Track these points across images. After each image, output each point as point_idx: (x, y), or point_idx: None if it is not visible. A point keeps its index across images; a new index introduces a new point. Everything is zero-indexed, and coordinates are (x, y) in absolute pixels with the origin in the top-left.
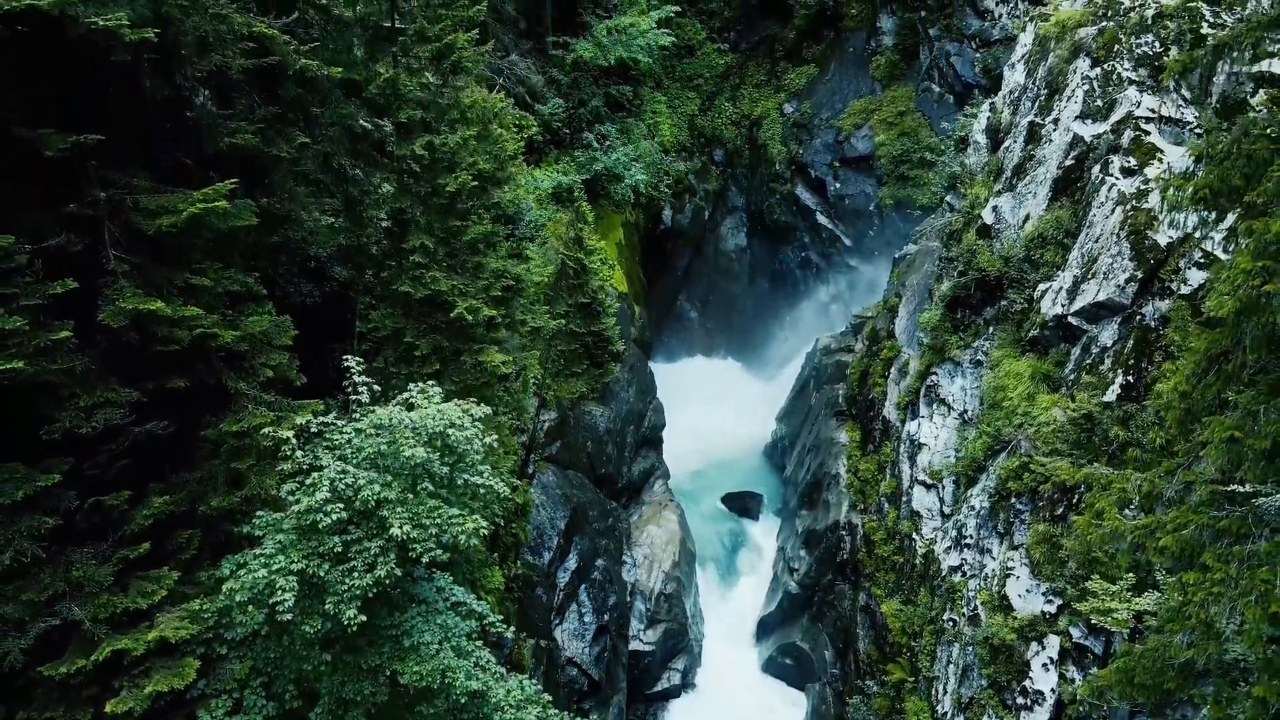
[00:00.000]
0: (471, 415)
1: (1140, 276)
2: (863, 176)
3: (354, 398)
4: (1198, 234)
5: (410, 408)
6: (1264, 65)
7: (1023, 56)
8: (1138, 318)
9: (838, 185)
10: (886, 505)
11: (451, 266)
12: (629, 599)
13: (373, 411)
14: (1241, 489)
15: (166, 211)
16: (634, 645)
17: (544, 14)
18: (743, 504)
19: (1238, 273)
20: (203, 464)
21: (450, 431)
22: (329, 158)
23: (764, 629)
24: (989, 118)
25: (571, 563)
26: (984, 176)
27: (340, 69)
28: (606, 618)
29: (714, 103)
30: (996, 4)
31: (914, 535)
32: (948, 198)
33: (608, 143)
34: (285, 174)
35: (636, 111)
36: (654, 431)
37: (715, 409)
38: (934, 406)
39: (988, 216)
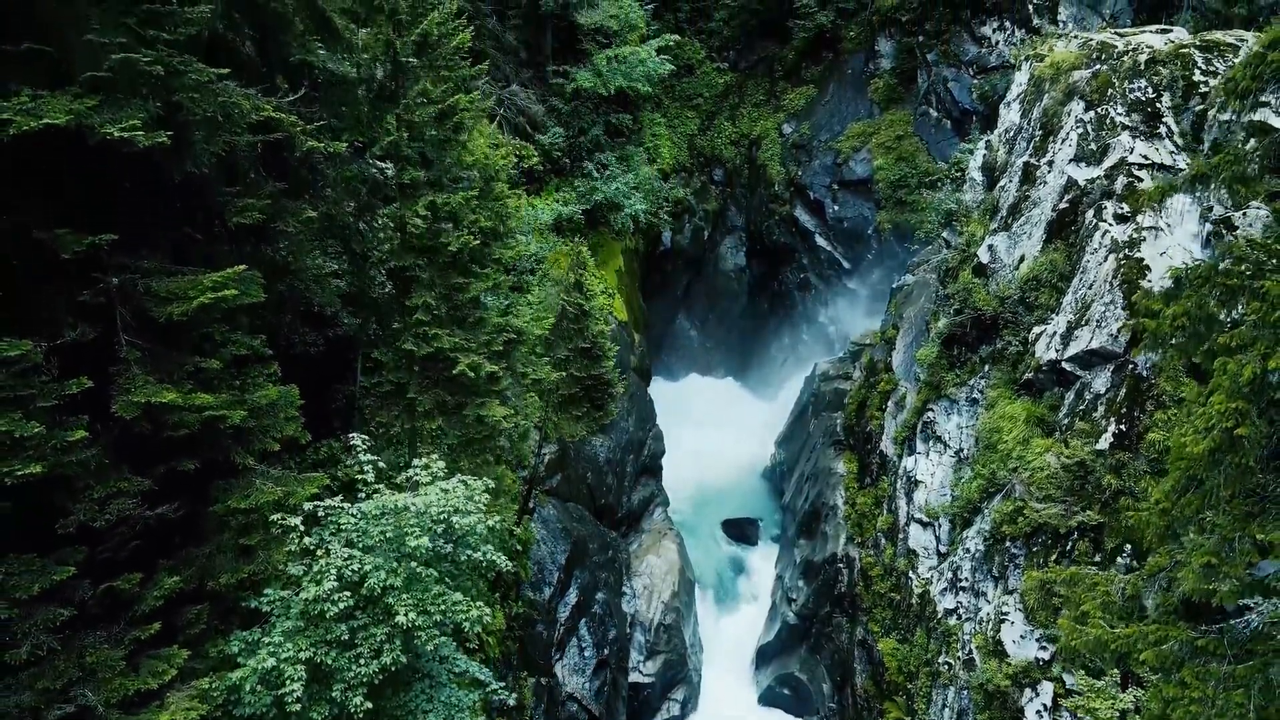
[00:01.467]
0: (474, 496)
1: (1133, 326)
2: (861, 200)
3: (360, 476)
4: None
5: (414, 487)
6: (1255, 115)
7: (1018, 96)
8: (1130, 366)
9: (836, 208)
10: (884, 541)
11: (454, 320)
12: (628, 631)
13: (378, 491)
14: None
15: (177, 298)
16: (634, 677)
17: (544, 43)
18: (741, 530)
19: (1213, 410)
20: (211, 537)
21: (454, 519)
22: (334, 217)
23: (762, 657)
24: (985, 155)
25: (572, 597)
26: (980, 214)
27: (344, 142)
28: (606, 651)
29: (713, 122)
30: (994, 31)
31: (910, 574)
32: (944, 233)
33: (607, 171)
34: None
35: (636, 137)
36: (654, 459)
37: (715, 429)
38: (930, 443)
39: (983, 255)
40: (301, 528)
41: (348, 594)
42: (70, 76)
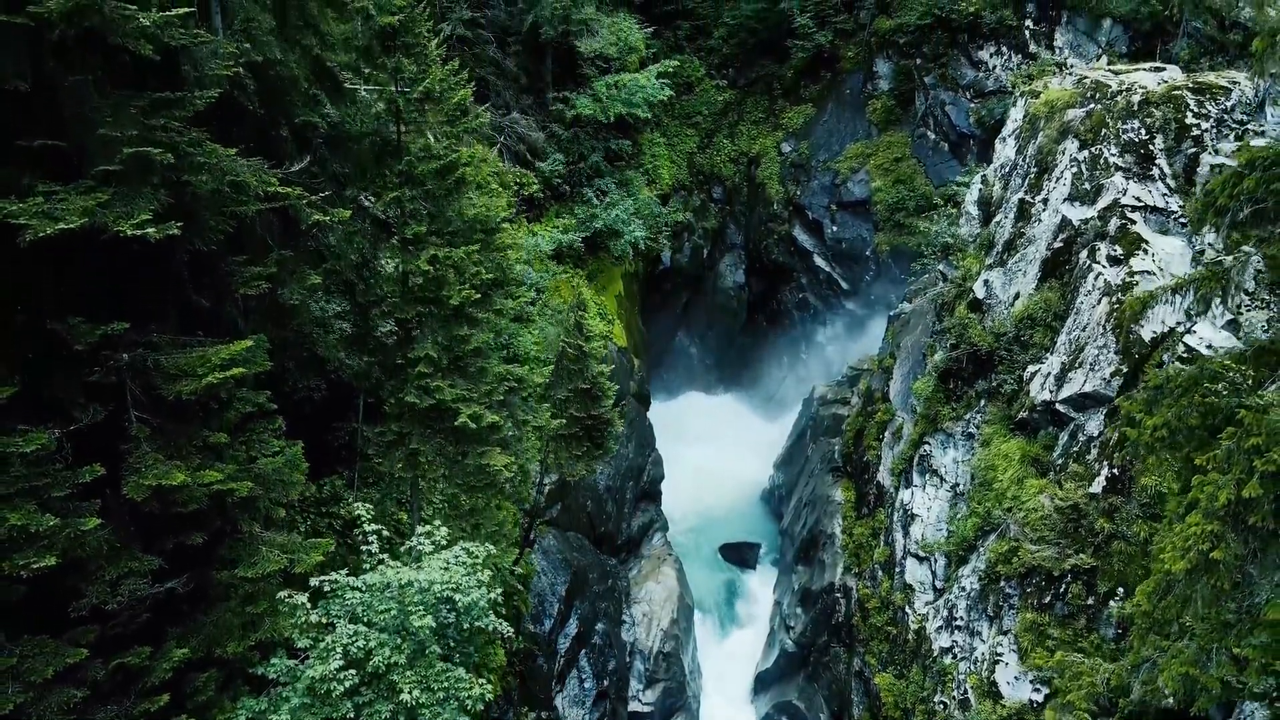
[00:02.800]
0: (476, 567)
1: (1125, 371)
2: (860, 221)
3: (365, 547)
4: (1180, 329)
5: (418, 558)
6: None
7: (1013, 131)
8: (1123, 410)
9: (835, 228)
10: (880, 573)
11: (456, 369)
12: (628, 659)
13: (383, 561)
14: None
15: (186, 375)
16: (633, 706)
17: (544, 69)
18: (740, 555)
19: (1190, 531)
20: (217, 604)
21: (456, 596)
22: (338, 271)
23: (761, 683)
24: (981, 189)
25: (572, 628)
26: (975, 249)
27: (348, 201)
28: (606, 682)
29: (713, 140)
30: (990, 56)
31: (907, 609)
32: (940, 266)
33: (607, 199)
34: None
35: (635, 160)
36: (653, 485)
37: (714, 447)
38: (926, 477)
39: (979, 290)
40: (308, 605)
41: (353, 671)
42: (82, 169)
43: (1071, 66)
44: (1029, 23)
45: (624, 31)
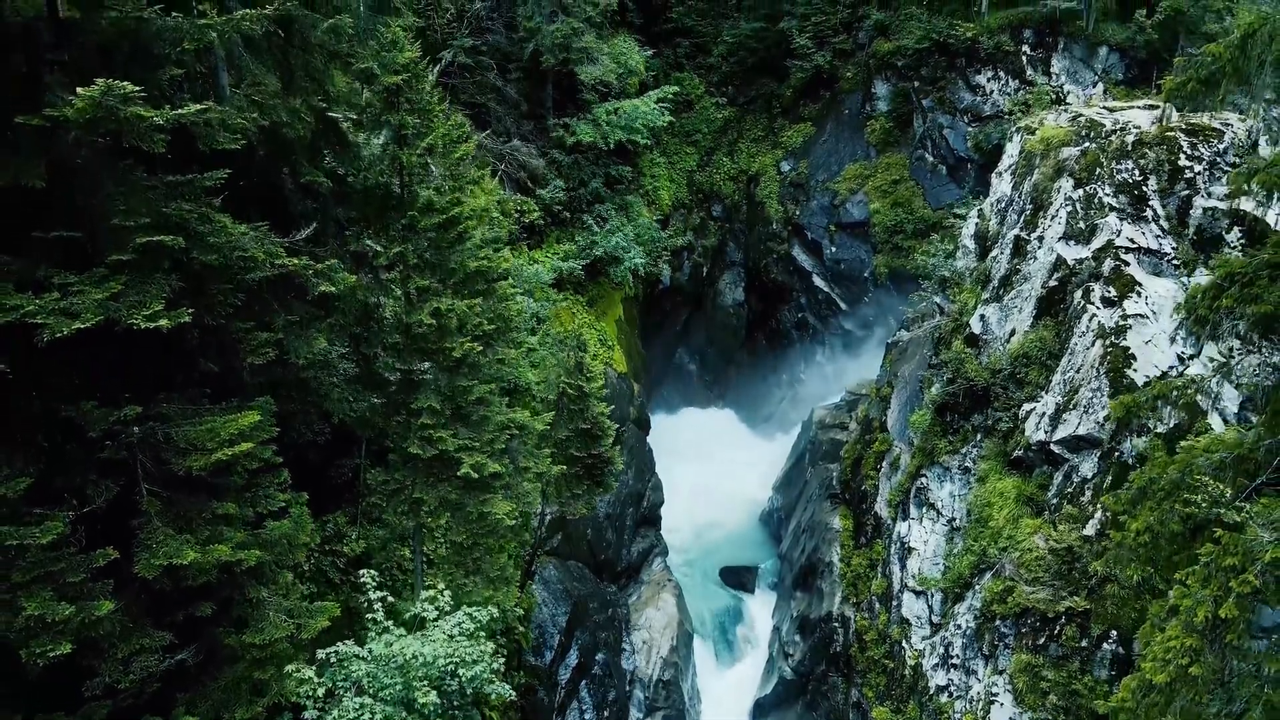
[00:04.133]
0: (480, 644)
1: (1118, 415)
2: (858, 242)
3: (369, 616)
4: (1173, 373)
5: (421, 624)
6: (1238, 203)
7: (1009, 167)
8: (1116, 454)
9: (834, 249)
10: (878, 605)
11: (458, 418)
12: (627, 688)
13: (388, 630)
14: None
15: (196, 449)
16: None
17: (545, 96)
18: (739, 578)
19: (1170, 642)
20: (225, 669)
21: (460, 671)
22: (342, 326)
23: (759, 710)
24: (977, 223)
25: (572, 659)
26: (972, 283)
27: (354, 277)
28: (607, 713)
29: (712, 158)
30: (988, 81)
31: (904, 643)
32: (937, 298)
33: (607, 225)
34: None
35: (635, 183)
36: (653, 510)
37: (713, 465)
38: (923, 510)
39: (975, 325)
40: (315, 678)
41: None
42: (96, 257)
43: (1068, 92)
44: (1026, 49)
45: (624, 54)
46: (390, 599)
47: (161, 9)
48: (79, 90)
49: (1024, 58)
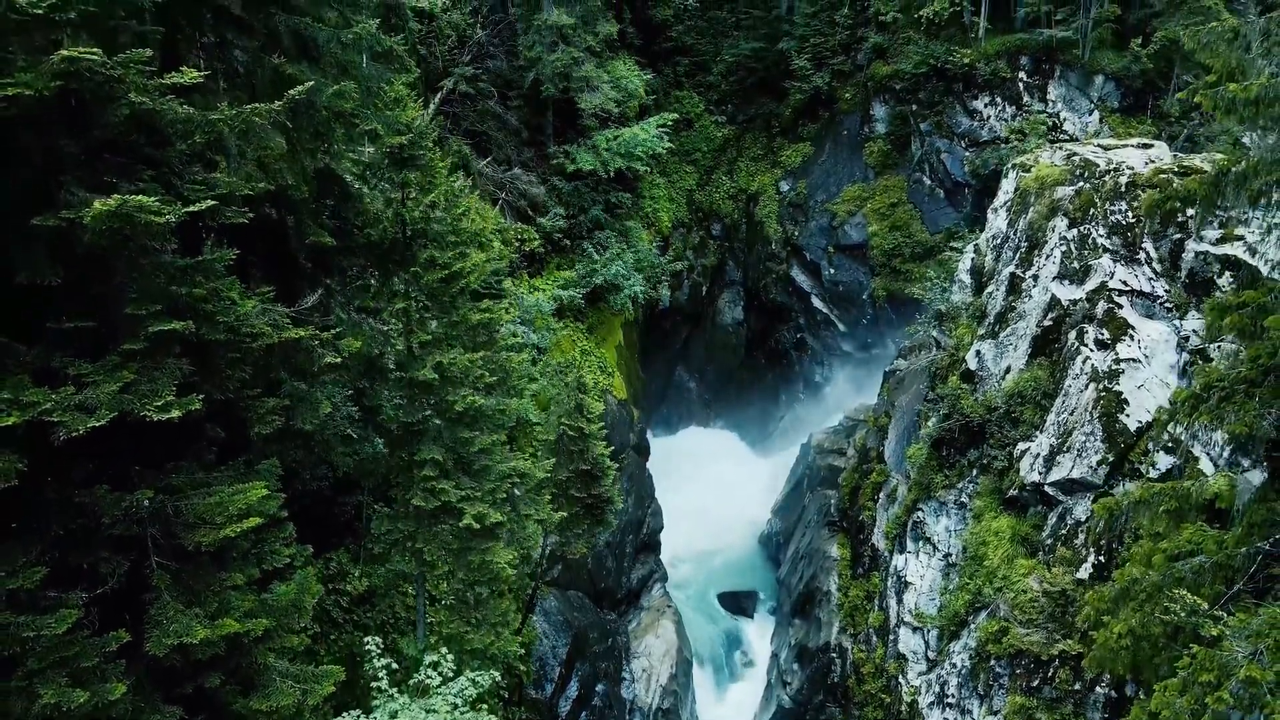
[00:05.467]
0: (482, 716)
1: (1111, 460)
2: (856, 264)
3: (375, 684)
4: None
5: (424, 692)
6: (1229, 249)
7: (1005, 204)
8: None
9: (832, 271)
10: (875, 638)
11: (460, 468)
12: (627, 717)
13: (392, 698)
14: None
15: (205, 523)
16: None
17: (545, 123)
18: (738, 603)
19: None
20: None
21: None
22: (346, 382)
23: None
24: (973, 258)
25: (573, 690)
26: (968, 318)
27: (359, 342)
28: None
29: (711, 176)
30: (985, 106)
31: (900, 678)
32: (934, 332)
33: (607, 253)
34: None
35: (635, 207)
36: (652, 536)
37: (712, 484)
38: (920, 544)
39: (971, 361)
40: None
41: None
42: (110, 341)
43: (1064, 120)
44: (1023, 75)
45: (623, 77)
46: (395, 665)
47: (176, 98)
48: (95, 205)
49: (1021, 84)
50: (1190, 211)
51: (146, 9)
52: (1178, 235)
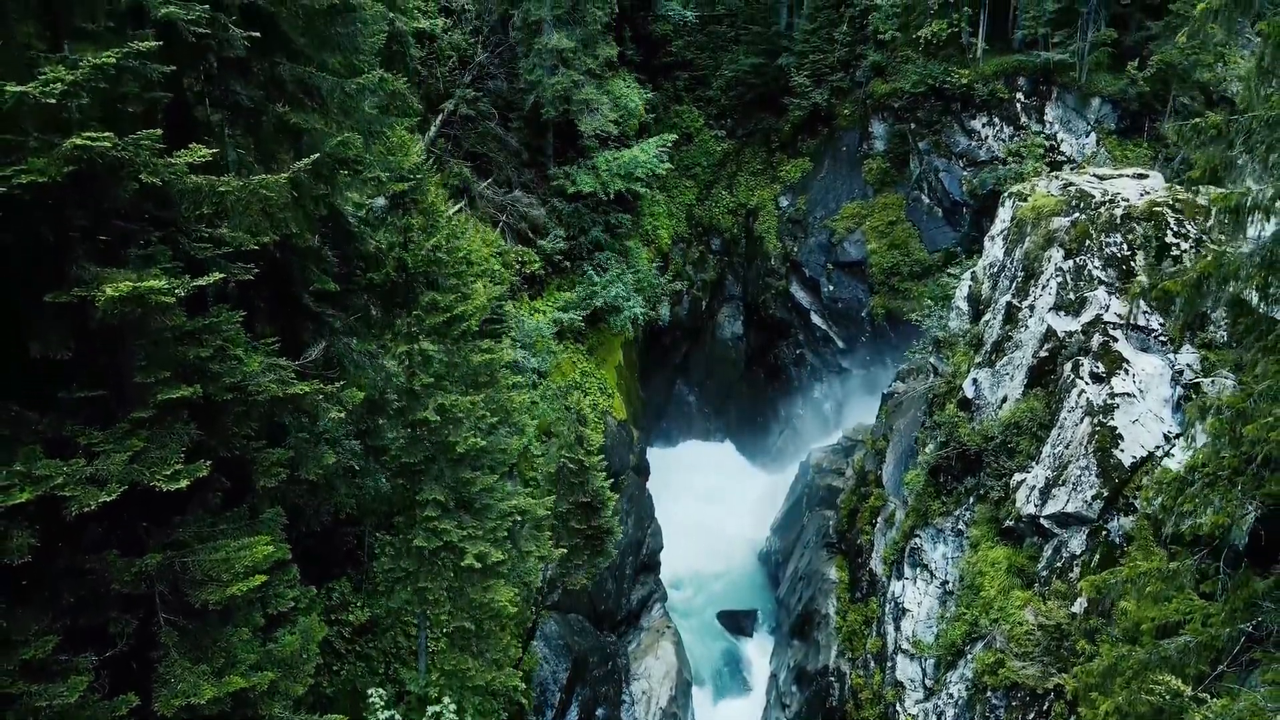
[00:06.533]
0: None
1: (1106, 494)
2: (856, 281)
3: None
4: (1159, 453)
5: None
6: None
7: (1002, 232)
8: (1104, 533)
9: (831, 288)
10: (873, 663)
11: (461, 506)
12: None
13: None
14: None
15: (213, 581)
16: None
17: (546, 144)
18: (737, 622)
19: None
20: None
21: None
22: (349, 423)
23: None
24: (970, 285)
25: (573, 715)
26: (965, 346)
27: (361, 393)
28: None
29: (711, 191)
30: (983, 126)
31: (898, 706)
32: (931, 359)
33: (607, 275)
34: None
35: (635, 228)
36: (652, 556)
37: (712, 498)
38: (917, 570)
39: (968, 389)
40: None
41: None
42: (120, 409)
43: (1061, 141)
44: (1020, 96)
45: (623, 96)
46: (398, 717)
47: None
48: (107, 290)
49: (1018, 105)
50: (1186, 248)
51: (155, 80)
52: (1172, 270)
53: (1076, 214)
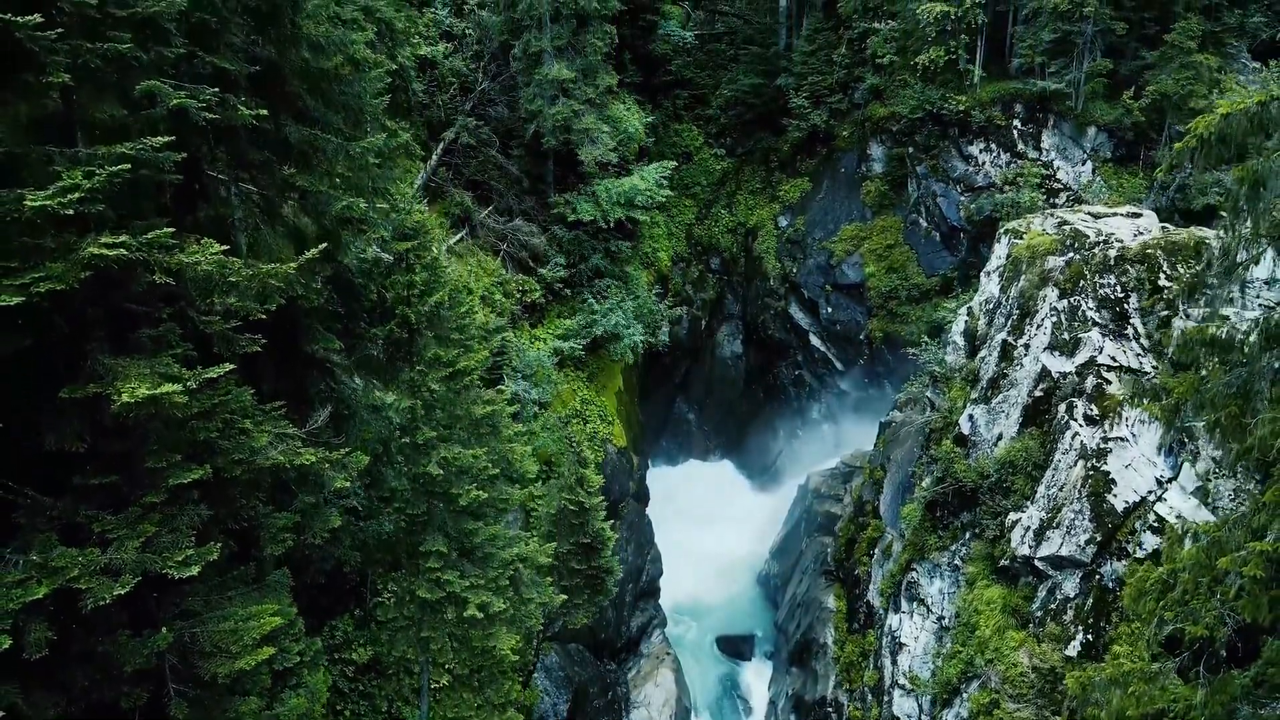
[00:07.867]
0: None
1: (1099, 539)
2: (854, 303)
3: None
4: (1151, 498)
5: None
6: (1212, 329)
7: (997, 269)
8: (1097, 576)
9: (830, 309)
10: (870, 697)
11: (464, 555)
12: None
13: None
14: None
15: (222, 653)
16: None
17: (546, 172)
18: (736, 647)
19: None
20: None
21: None
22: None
23: None
24: (966, 321)
25: None
26: (961, 381)
27: (367, 459)
28: None
29: (710, 210)
30: (980, 152)
31: None
32: (928, 393)
33: (608, 303)
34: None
35: (635, 253)
36: (652, 583)
37: (712, 519)
38: (914, 604)
39: (964, 426)
40: None
41: None
42: (132, 492)
43: (1057, 168)
44: (1017, 123)
45: (622, 119)
46: None
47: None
48: (123, 396)
49: (1015, 132)
50: (1177, 289)
51: (168, 169)
52: (1165, 312)
53: (1071, 254)
